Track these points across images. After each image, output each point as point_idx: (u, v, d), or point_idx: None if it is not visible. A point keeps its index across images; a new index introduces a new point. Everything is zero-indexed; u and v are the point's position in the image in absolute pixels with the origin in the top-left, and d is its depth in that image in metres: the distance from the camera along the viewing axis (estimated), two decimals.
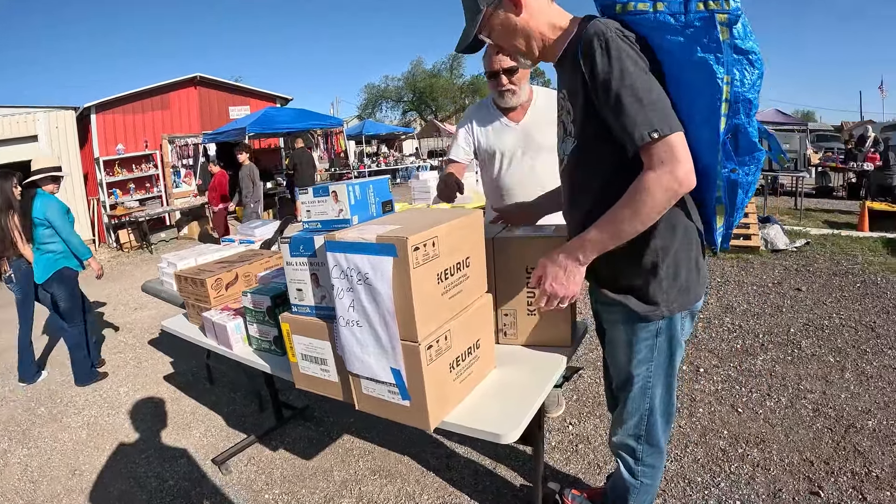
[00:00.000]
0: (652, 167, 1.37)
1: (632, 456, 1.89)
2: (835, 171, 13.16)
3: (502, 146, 2.75)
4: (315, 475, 2.96)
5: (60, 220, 4.29)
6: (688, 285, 1.63)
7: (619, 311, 1.71)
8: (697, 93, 1.41)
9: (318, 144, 16.03)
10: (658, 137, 1.34)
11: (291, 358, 1.80)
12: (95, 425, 3.81)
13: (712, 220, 1.65)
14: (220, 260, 2.83)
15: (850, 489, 2.50)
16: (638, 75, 1.38)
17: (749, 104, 1.40)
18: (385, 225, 1.47)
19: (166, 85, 13.26)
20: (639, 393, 1.77)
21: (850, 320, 4.47)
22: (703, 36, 1.35)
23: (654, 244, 1.57)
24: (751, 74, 1.38)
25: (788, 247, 6.81)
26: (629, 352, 1.73)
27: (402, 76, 39.58)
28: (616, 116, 1.41)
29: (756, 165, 1.48)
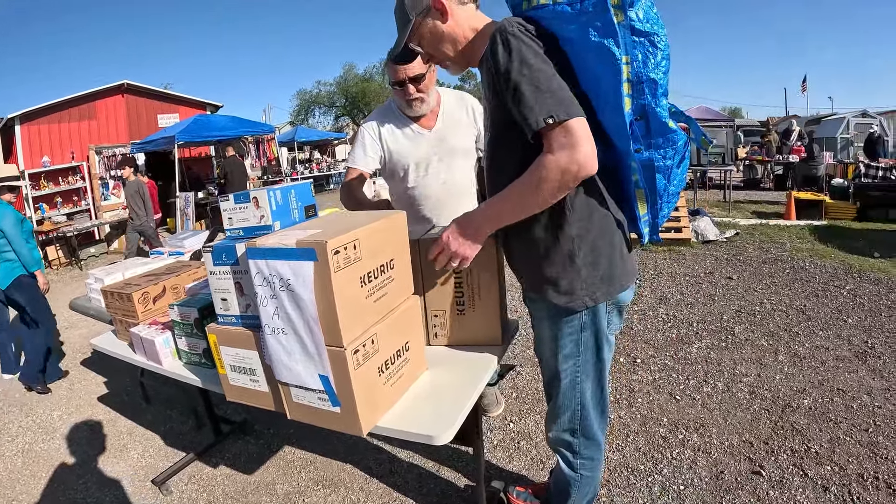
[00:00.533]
0: (551, 150, 1.40)
1: (569, 450, 1.91)
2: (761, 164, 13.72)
3: (416, 155, 2.59)
4: (258, 490, 2.89)
5: (12, 230, 4.32)
6: (610, 274, 1.64)
7: (542, 307, 1.73)
8: (601, 78, 1.44)
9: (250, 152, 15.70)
10: (554, 123, 1.37)
11: (220, 370, 1.75)
12: (31, 452, 3.62)
13: (634, 207, 1.68)
14: (148, 273, 2.73)
15: (791, 466, 2.60)
16: (535, 65, 1.41)
17: (654, 84, 1.43)
18: (306, 230, 1.44)
19: (92, 93, 12.75)
20: (568, 388, 1.79)
21: (781, 304, 4.66)
22: (596, 20, 1.38)
23: (569, 232, 1.59)
24: (654, 56, 1.42)
25: (719, 238, 7.06)
26: (554, 347, 1.75)
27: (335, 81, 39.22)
28: (515, 105, 1.44)
29: (672, 148, 1.51)
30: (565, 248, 1.61)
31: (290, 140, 20.49)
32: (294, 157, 21.18)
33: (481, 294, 1.82)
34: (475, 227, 1.64)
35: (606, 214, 1.64)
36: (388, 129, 2.62)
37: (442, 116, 2.62)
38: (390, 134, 2.61)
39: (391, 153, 2.62)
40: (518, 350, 4.21)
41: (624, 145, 1.53)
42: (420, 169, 2.61)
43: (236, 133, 12.53)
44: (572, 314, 1.66)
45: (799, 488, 2.46)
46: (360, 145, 2.63)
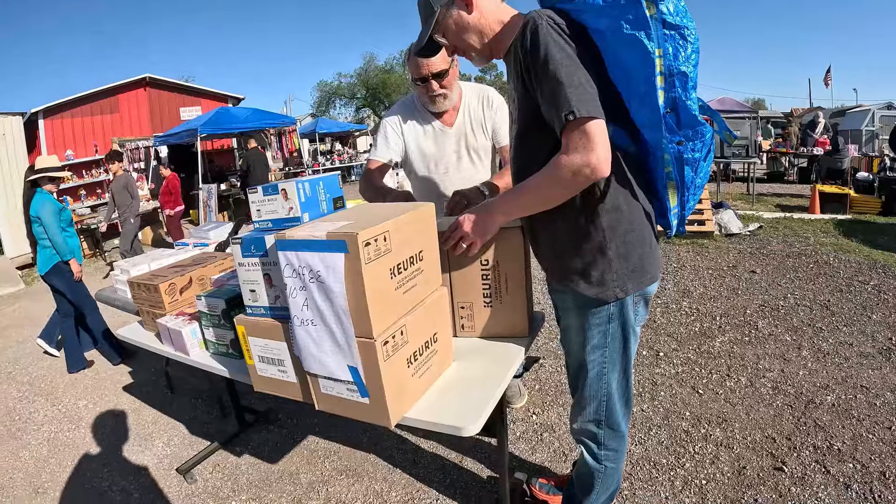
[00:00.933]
0: (566, 150, 1.43)
1: (594, 441, 1.91)
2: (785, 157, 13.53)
3: (438, 152, 2.61)
4: (281, 479, 2.92)
5: (49, 219, 4.51)
6: (641, 266, 1.65)
7: (569, 298, 1.73)
8: (632, 70, 1.44)
9: (272, 144, 15.80)
10: (574, 119, 1.39)
11: (249, 361, 1.77)
12: (56, 441, 3.69)
13: (665, 200, 1.67)
14: (174, 264, 2.76)
15: (813, 463, 2.57)
16: (562, 60, 1.42)
17: (685, 77, 1.43)
18: (336, 221, 1.45)
19: (115, 87, 12.95)
20: (595, 379, 1.79)
21: (805, 300, 4.61)
22: (628, 13, 1.38)
23: (601, 223, 1.59)
24: (684, 49, 1.41)
25: (742, 231, 6.98)
26: (582, 338, 1.75)
27: (355, 73, 39.35)
28: (542, 100, 1.48)
29: (701, 141, 1.50)
30: (597, 240, 1.61)
31: (311, 132, 20.54)
32: (315, 148, 21.24)
33: (508, 286, 1.82)
34: (490, 215, 1.70)
35: (637, 206, 1.64)
36: (410, 125, 2.61)
37: (463, 113, 2.60)
38: (412, 130, 2.61)
39: (412, 149, 2.63)
40: (541, 342, 4.20)
41: (653, 137, 1.52)
42: (441, 166, 2.63)
43: (258, 125, 12.62)
44: (600, 305, 1.66)
45: (821, 485, 2.43)
46: (381, 138, 2.63)
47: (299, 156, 16.54)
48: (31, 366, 5.21)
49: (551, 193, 1.53)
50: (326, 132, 22.02)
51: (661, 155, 1.56)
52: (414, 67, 2.41)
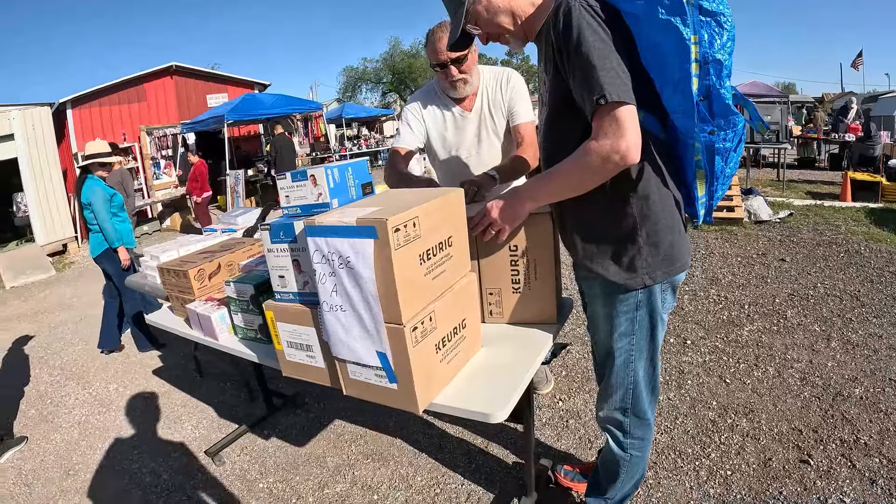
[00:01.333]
0: (596, 137, 1.42)
1: (619, 429, 1.90)
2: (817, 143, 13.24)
3: (459, 137, 2.61)
4: (308, 462, 2.96)
5: (99, 205, 4.59)
6: (671, 254, 1.63)
7: (598, 284, 1.72)
8: (666, 56, 1.41)
9: (298, 129, 15.88)
10: (605, 103, 1.36)
11: (277, 346, 1.78)
12: (87, 424, 3.78)
13: (693, 188, 1.65)
14: (203, 250, 2.79)
15: (839, 456, 2.53)
16: (594, 44, 1.39)
17: (719, 65, 1.40)
18: (365, 207, 1.45)
19: (142, 76, 13.10)
20: (622, 367, 1.78)
21: (835, 289, 4.52)
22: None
23: (631, 211, 1.58)
24: (720, 36, 1.39)
25: (772, 218, 6.86)
26: (609, 326, 1.74)
27: (381, 57, 39.30)
28: (573, 83, 1.46)
29: (733, 131, 1.47)
30: (627, 226, 1.60)
31: (337, 117, 20.59)
32: (342, 133, 21.30)
33: (537, 272, 1.81)
34: (519, 201, 1.69)
35: (668, 194, 1.62)
36: (431, 111, 2.61)
37: (482, 97, 2.57)
38: (432, 116, 2.61)
39: (433, 135, 2.63)
40: (568, 328, 4.19)
41: (684, 125, 1.50)
42: (463, 150, 2.62)
43: (284, 111, 12.68)
44: (628, 292, 1.65)
45: (846, 479, 2.40)
46: (404, 125, 2.62)
47: (326, 141, 16.61)
48: (62, 350, 5.34)
49: (581, 179, 1.51)
50: (353, 117, 22.05)
51: (691, 143, 1.53)
52: (432, 53, 2.41)
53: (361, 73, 39.79)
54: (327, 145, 16.46)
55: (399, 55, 38.53)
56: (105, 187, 4.70)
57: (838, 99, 18.92)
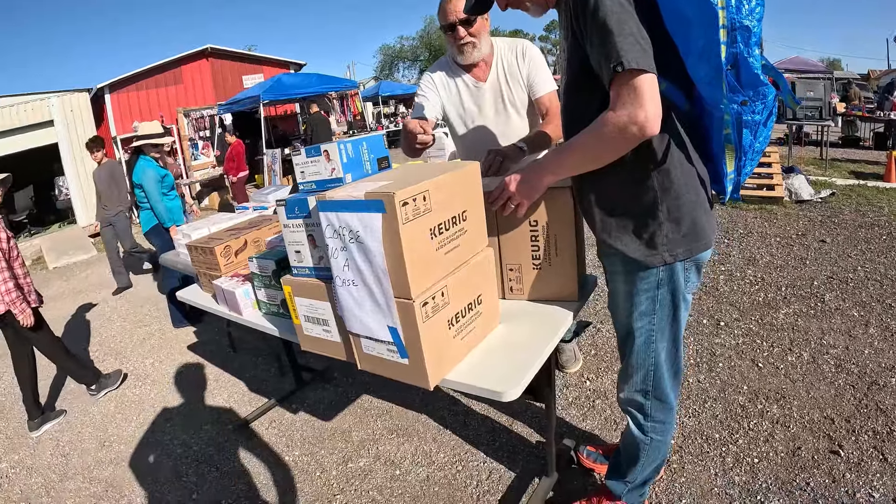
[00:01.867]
0: (614, 107, 1.37)
1: (640, 412, 1.87)
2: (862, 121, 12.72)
3: (471, 108, 2.57)
4: (334, 436, 3.00)
5: (151, 186, 4.75)
6: (693, 231, 1.57)
7: (618, 261, 1.67)
8: (692, 24, 1.35)
9: (335, 108, 15.94)
10: (622, 70, 1.31)
11: (295, 320, 1.80)
12: (123, 397, 3.91)
13: (721, 163, 1.58)
14: (231, 227, 2.83)
15: (871, 449, 2.44)
16: (612, 8, 1.33)
17: (748, 32, 1.33)
18: (376, 182, 1.44)
19: (178, 59, 13.32)
20: (643, 347, 1.74)
21: (876, 273, 4.35)
22: None
23: (652, 185, 1.53)
24: (748, 2, 1.32)
25: (813, 197, 6.63)
26: (629, 304, 1.70)
27: (417, 35, 39.20)
28: (591, 50, 1.40)
29: (762, 102, 1.40)
30: (647, 201, 1.54)
31: (374, 95, 20.64)
32: (379, 111, 21.34)
33: (558, 248, 1.78)
34: (537, 174, 1.65)
35: (691, 169, 1.56)
36: (443, 81, 2.59)
37: (496, 67, 2.53)
38: (444, 85, 2.58)
39: (448, 108, 2.61)
40: (599, 307, 4.13)
41: (711, 95, 1.42)
42: (479, 121, 2.58)
43: (319, 90, 12.74)
44: (649, 269, 1.60)
45: (876, 473, 2.31)
46: (420, 98, 2.60)
47: (363, 119, 16.65)
48: (101, 328, 5.52)
49: (599, 152, 1.47)
50: (390, 95, 22.06)
51: (719, 115, 1.46)
52: (442, 15, 2.39)
53: (398, 51, 39.79)
54: (364, 123, 16.50)
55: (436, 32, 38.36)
56: (157, 168, 4.83)
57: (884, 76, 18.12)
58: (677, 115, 1.51)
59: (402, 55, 39.88)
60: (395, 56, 39.89)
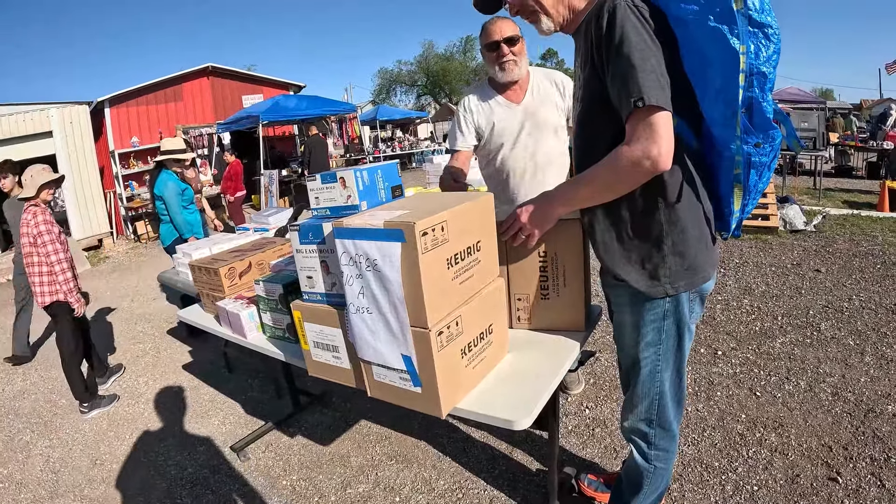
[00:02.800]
0: (629, 142, 1.40)
1: (644, 440, 1.87)
2: (854, 151, 12.90)
3: (504, 129, 2.65)
4: (332, 461, 2.98)
5: (172, 199, 4.76)
6: (695, 265, 1.60)
7: (624, 293, 1.69)
8: (710, 63, 1.39)
9: (332, 131, 16.01)
10: (643, 106, 1.34)
11: (304, 345, 1.80)
12: (116, 415, 3.86)
13: (727, 201, 1.62)
14: (234, 249, 2.83)
15: (869, 475, 2.46)
16: (637, 44, 1.37)
17: (764, 78, 1.37)
18: (393, 210, 1.46)
19: (179, 76, 13.35)
20: (648, 377, 1.76)
21: (871, 302, 4.39)
22: (715, 5, 1.32)
23: (660, 218, 1.56)
24: (766, 49, 1.35)
25: (807, 227, 6.71)
26: (636, 335, 1.72)
27: (415, 60, 39.54)
28: (611, 83, 1.43)
29: (770, 146, 1.44)
30: (654, 234, 1.57)
31: (371, 119, 20.70)
32: (376, 135, 21.42)
33: (566, 279, 1.80)
34: (550, 205, 1.67)
35: (698, 205, 1.59)
36: (477, 103, 2.69)
37: (531, 91, 2.65)
38: (478, 106, 2.69)
39: (481, 126, 2.69)
40: (598, 335, 4.14)
41: (723, 135, 1.47)
42: (508, 142, 2.67)
43: (318, 112, 12.80)
44: (654, 300, 1.63)
45: (875, 500, 2.32)
46: (455, 124, 2.74)
47: (360, 143, 16.70)
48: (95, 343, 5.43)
49: (611, 185, 1.49)
50: (387, 119, 22.15)
51: (729, 155, 1.50)
52: (485, 34, 2.54)
53: (396, 75, 40.07)
54: (362, 147, 16.56)
55: (433, 58, 38.72)
56: (178, 181, 4.88)
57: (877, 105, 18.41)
58: (686, 152, 1.54)
59: (400, 79, 40.20)
60: (392, 80, 40.21)
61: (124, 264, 9.59)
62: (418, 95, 41.13)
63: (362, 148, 16.60)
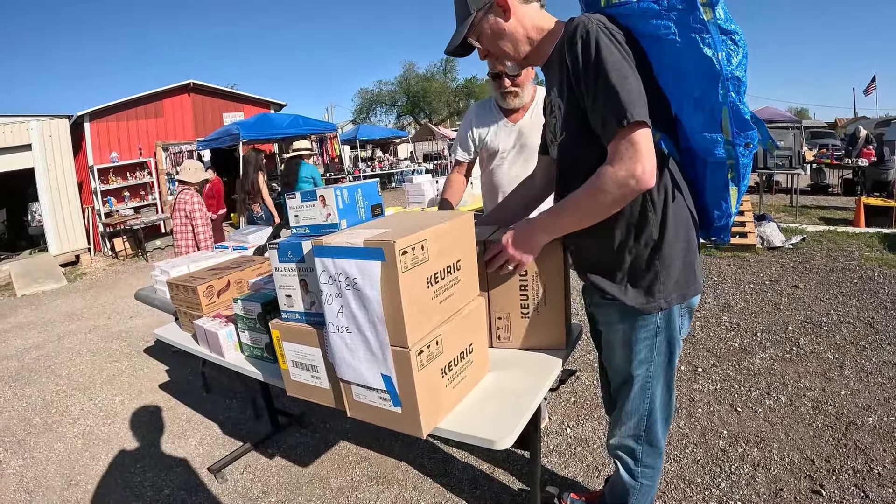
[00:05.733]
0: (611, 162, 1.41)
1: (631, 457, 1.87)
2: (830, 168, 13.16)
3: (499, 146, 2.77)
4: (311, 482, 2.93)
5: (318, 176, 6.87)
6: (685, 277, 1.61)
7: (615, 311, 1.69)
8: (686, 75, 1.41)
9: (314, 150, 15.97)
10: (625, 126, 1.36)
11: (283, 365, 1.77)
12: (91, 435, 3.77)
13: (713, 207, 1.65)
14: (213, 267, 2.79)
15: (852, 487, 2.48)
16: (614, 65, 1.39)
17: (738, 82, 1.39)
18: (373, 229, 1.45)
19: (160, 92, 13.26)
20: (639, 393, 1.76)
21: (849, 316, 4.46)
22: (687, 18, 1.35)
23: (649, 234, 1.56)
24: (736, 54, 1.38)
25: (785, 244, 6.81)
26: (628, 352, 1.71)
27: (396, 80, 39.73)
28: (591, 107, 1.45)
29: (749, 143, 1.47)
30: (643, 251, 1.58)
31: (352, 138, 20.71)
32: (356, 155, 21.42)
33: (546, 298, 1.79)
34: (533, 235, 1.67)
35: (684, 216, 1.60)
36: (481, 119, 2.84)
37: (531, 112, 2.76)
38: (478, 119, 2.84)
39: (481, 141, 2.84)
40: (578, 354, 4.14)
41: (705, 142, 1.48)
42: (501, 159, 2.81)
43: (299, 131, 12.76)
44: (646, 317, 1.63)
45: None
46: (458, 135, 2.93)
47: (340, 162, 16.67)
48: (69, 361, 5.36)
49: (596, 208, 1.49)
50: (367, 139, 22.18)
51: (714, 160, 1.52)
52: (490, 63, 2.59)
53: (376, 95, 40.19)
54: (342, 166, 16.53)
55: (414, 78, 38.90)
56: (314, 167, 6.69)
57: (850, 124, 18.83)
58: (669, 164, 1.56)
59: (381, 99, 40.33)
60: (373, 100, 40.32)
61: (101, 281, 9.44)
62: (398, 115, 41.27)
63: (342, 167, 16.56)
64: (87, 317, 6.96)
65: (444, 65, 39.16)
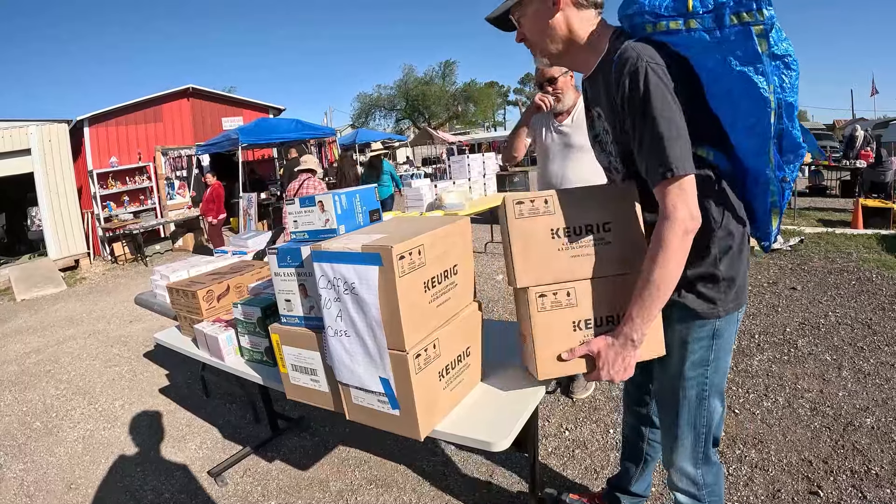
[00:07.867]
0: (666, 214, 1.37)
1: (694, 485, 1.75)
2: (828, 170, 13.18)
3: (547, 144, 3.25)
4: (311, 486, 2.94)
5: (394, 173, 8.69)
6: (742, 286, 1.60)
7: (673, 311, 1.60)
8: (738, 102, 1.39)
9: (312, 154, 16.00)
10: (671, 177, 1.35)
11: (282, 369, 1.79)
12: (91, 439, 3.78)
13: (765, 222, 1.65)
14: (212, 271, 2.81)
15: (850, 488, 2.49)
16: (663, 112, 1.36)
17: (791, 108, 1.39)
18: (371, 234, 1.46)
19: (159, 97, 13.28)
20: (695, 403, 1.67)
21: (846, 318, 4.47)
22: (738, 49, 1.32)
23: (714, 248, 1.54)
24: (789, 77, 1.36)
25: (783, 246, 6.82)
26: (684, 352, 1.63)
27: (395, 84, 39.79)
28: (638, 147, 1.43)
29: (799, 162, 1.49)
30: (709, 262, 1.54)
31: (351, 142, 20.67)
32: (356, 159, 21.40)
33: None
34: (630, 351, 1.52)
35: (743, 231, 1.59)
36: (538, 119, 3.28)
37: (573, 115, 3.16)
38: (539, 122, 3.30)
39: (536, 137, 3.35)
40: None
41: (755, 165, 1.49)
42: (544, 157, 3.31)
43: (298, 136, 12.78)
44: (705, 321, 1.59)
45: None
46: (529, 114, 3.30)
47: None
48: (69, 365, 5.37)
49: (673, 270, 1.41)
50: (366, 143, 22.12)
51: (765, 180, 1.52)
52: (536, 74, 3.14)
53: (375, 99, 40.29)
54: None
55: (413, 82, 38.96)
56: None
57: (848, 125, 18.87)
58: (725, 177, 1.54)
59: (380, 103, 40.40)
60: (371, 104, 40.38)
61: (101, 286, 9.46)
62: (397, 119, 41.32)
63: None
64: (87, 321, 6.97)
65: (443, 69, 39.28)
